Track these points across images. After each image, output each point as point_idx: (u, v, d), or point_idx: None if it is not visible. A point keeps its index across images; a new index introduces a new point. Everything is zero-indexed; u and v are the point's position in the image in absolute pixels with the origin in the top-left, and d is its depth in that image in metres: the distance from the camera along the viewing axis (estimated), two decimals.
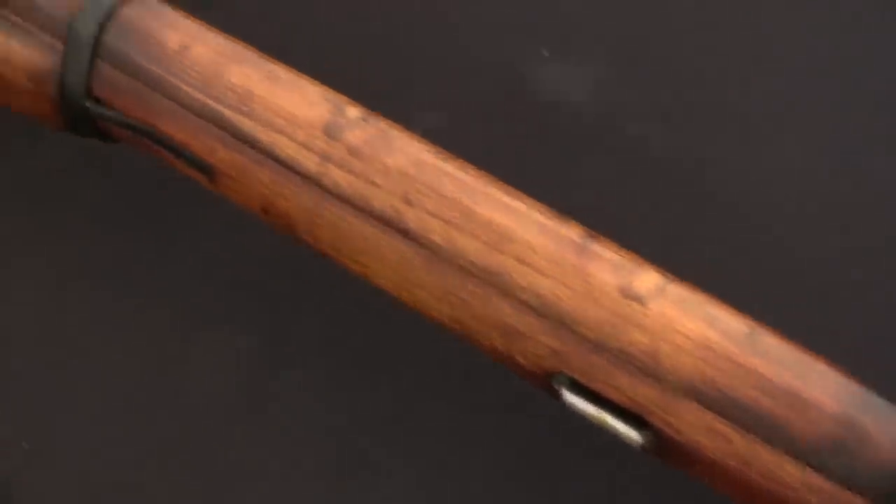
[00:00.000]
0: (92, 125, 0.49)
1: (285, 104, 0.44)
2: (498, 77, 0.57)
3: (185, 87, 0.46)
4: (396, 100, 0.50)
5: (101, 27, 0.47)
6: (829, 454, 0.36)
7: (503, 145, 0.55)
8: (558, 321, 0.40)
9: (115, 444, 0.52)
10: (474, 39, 0.59)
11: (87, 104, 0.48)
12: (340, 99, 0.45)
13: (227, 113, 0.45)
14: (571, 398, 0.40)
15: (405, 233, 0.42)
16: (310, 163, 0.43)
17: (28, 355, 0.54)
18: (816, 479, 0.37)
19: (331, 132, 0.43)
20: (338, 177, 0.43)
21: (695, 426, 0.38)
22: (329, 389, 0.52)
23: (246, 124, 0.44)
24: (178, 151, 0.46)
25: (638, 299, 0.39)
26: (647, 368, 0.38)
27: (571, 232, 0.41)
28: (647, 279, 0.40)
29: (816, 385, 0.37)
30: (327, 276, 0.48)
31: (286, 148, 0.44)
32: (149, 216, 0.57)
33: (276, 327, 0.54)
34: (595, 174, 0.56)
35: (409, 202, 0.42)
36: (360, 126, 0.44)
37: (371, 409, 0.52)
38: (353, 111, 0.44)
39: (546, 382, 0.41)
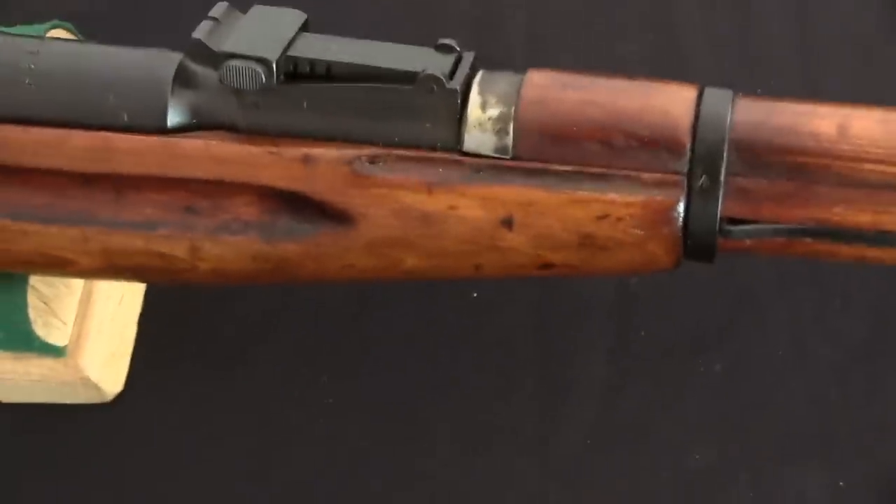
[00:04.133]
0: (713, 250, 0.44)
1: None
2: None
3: (866, 166, 0.42)
4: None
5: (728, 142, 0.42)
6: None
7: None
8: None
9: None
10: None
11: (723, 229, 0.43)
12: None
13: None
14: None
15: None
16: None
17: None
18: None
19: None
20: None
21: None
22: None
23: None
24: (859, 236, 0.43)
25: None
26: None
27: None
28: None
29: None
30: None
31: None
32: None
33: None
34: None
35: None
36: None
37: None
38: None
39: None
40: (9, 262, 0.47)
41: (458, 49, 0.44)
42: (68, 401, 0.54)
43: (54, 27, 0.56)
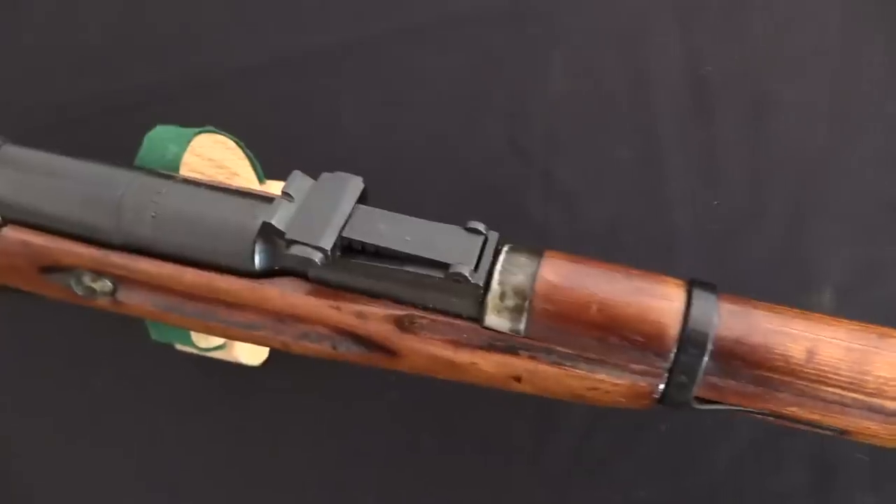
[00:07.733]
0: (684, 412, 0.51)
1: None
2: None
3: (826, 388, 0.48)
4: None
5: (708, 353, 0.49)
6: None
7: None
8: None
9: None
10: None
11: (692, 405, 0.50)
12: None
13: (877, 402, 0.48)
14: None
15: None
16: None
17: None
18: None
19: None
20: None
21: None
22: None
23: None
24: (803, 423, 0.50)
25: None
26: None
27: None
28: None
29: None
30: None
31: None
32: None
33: None
34: None
35: None
36: None
37: None
38: None
39: None
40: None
41: (484, 232, 0.51)
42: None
43: (202, 132, 0.63)
